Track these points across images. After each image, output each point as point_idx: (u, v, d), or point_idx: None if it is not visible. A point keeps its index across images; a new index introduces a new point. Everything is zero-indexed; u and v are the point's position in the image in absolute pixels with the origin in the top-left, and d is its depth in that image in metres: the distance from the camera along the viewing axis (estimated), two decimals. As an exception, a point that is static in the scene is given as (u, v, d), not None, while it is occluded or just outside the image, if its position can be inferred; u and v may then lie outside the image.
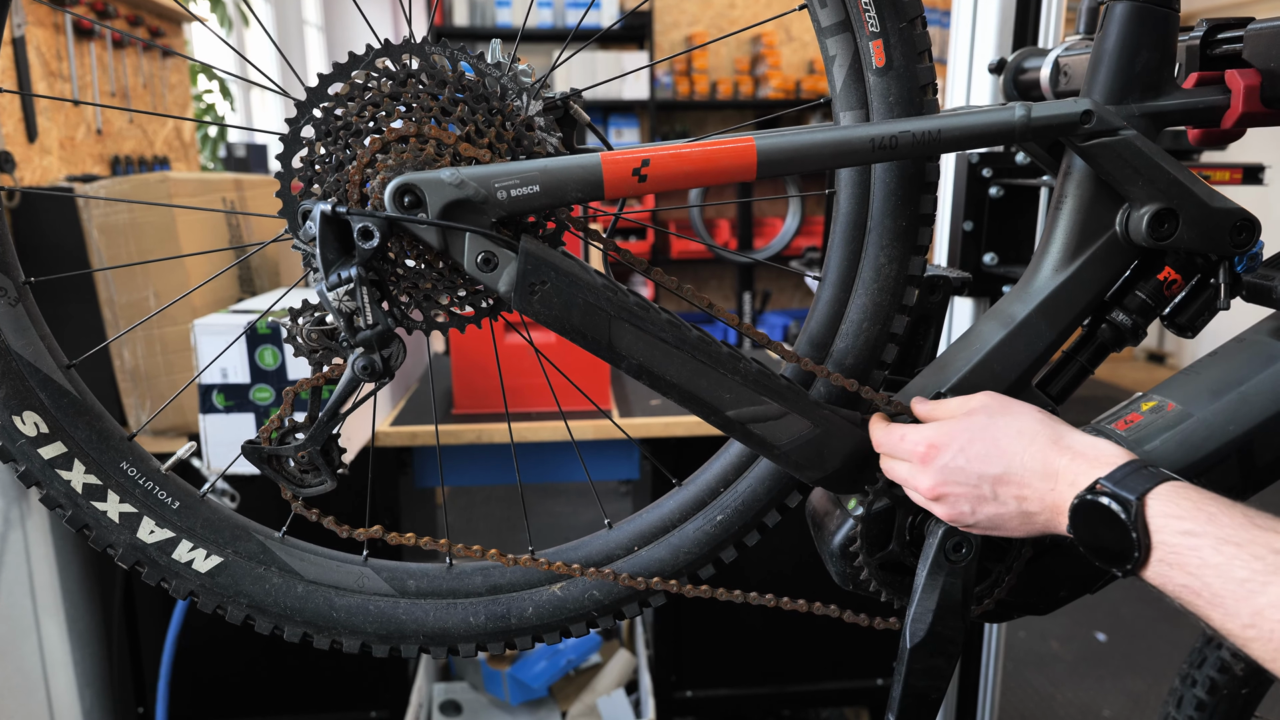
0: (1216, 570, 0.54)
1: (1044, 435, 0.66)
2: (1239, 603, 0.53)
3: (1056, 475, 0.64)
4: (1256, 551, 0.53)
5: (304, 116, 0.69)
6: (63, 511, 0.75)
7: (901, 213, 0.76)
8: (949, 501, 0.70)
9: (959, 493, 0.69)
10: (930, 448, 0.70)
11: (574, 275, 0.70)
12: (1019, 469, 0.66)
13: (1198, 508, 0.57)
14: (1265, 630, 0.51)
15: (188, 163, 3.00)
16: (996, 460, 0.67)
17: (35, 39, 2.16)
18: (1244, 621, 0.52)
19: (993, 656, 1.68)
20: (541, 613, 0.84)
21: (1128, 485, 0.59)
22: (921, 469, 0.71)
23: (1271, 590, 0.51)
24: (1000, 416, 0.69)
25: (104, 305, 1.77)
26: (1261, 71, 0.73)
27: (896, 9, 0.70)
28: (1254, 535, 0.54)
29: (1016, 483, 0.66)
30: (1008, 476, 0.66)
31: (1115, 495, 0.59)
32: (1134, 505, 0.58)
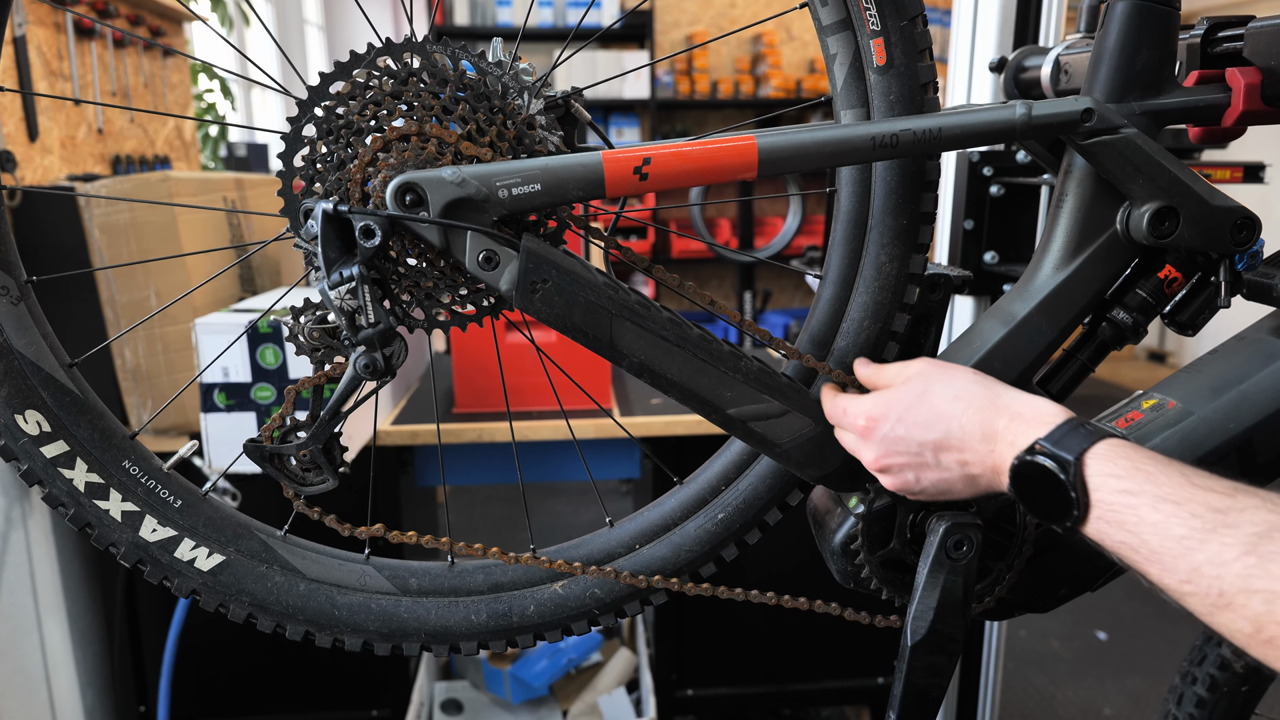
0: (1154, 528, 0.55)
1: (981, 397, 0.67)
2: (1176, 559, 0.53)
3: (995, 437, 0.65)
4: (1194, 509, 0.54)
5: (306, 115, 0.70)
6: (65, 510, 0.75)
7: (902, 211, 0.76)
8: (894, 471, 0.71)
9: (902, 462, 0.70)
10: (870, 420, 0.71)
11: (575, 274, 0.70)
12: (958, 433, 0.66)
13: (1135, 466, 0.58)
14: (1202, 586, 0.52)
15: (188, 162, 3.00)
16: (935, 426, 0.68)
17: (36, 38, 2.16)
18: (1181, 578, 0.53)
19: (993, 655, 1.68)
20: (543, 611, 0.84)
21: (1066, 445, 0.60)
22: (864, 441, 0.72)
23: (1209, 547, 0.52)
24: (937, 382, 0.69)
25: (105, 305, 1.77)
26: (1262, 70, 0.73)
27: (897, 7, 0.70)
28: (1191, 494, 0.55)
29: (957, 447, 0.67)
30: (947, 442, 0.67)
31: (1053, 455, 0.60)
32: (1072, 465, 0.59)
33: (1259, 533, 0.51)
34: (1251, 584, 0.50)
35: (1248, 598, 0.50)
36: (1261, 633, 0.50)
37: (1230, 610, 0.51)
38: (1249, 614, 0.50)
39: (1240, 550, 0.51)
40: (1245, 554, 0.51)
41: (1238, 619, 0.51)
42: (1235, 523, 0.52)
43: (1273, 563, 0.50)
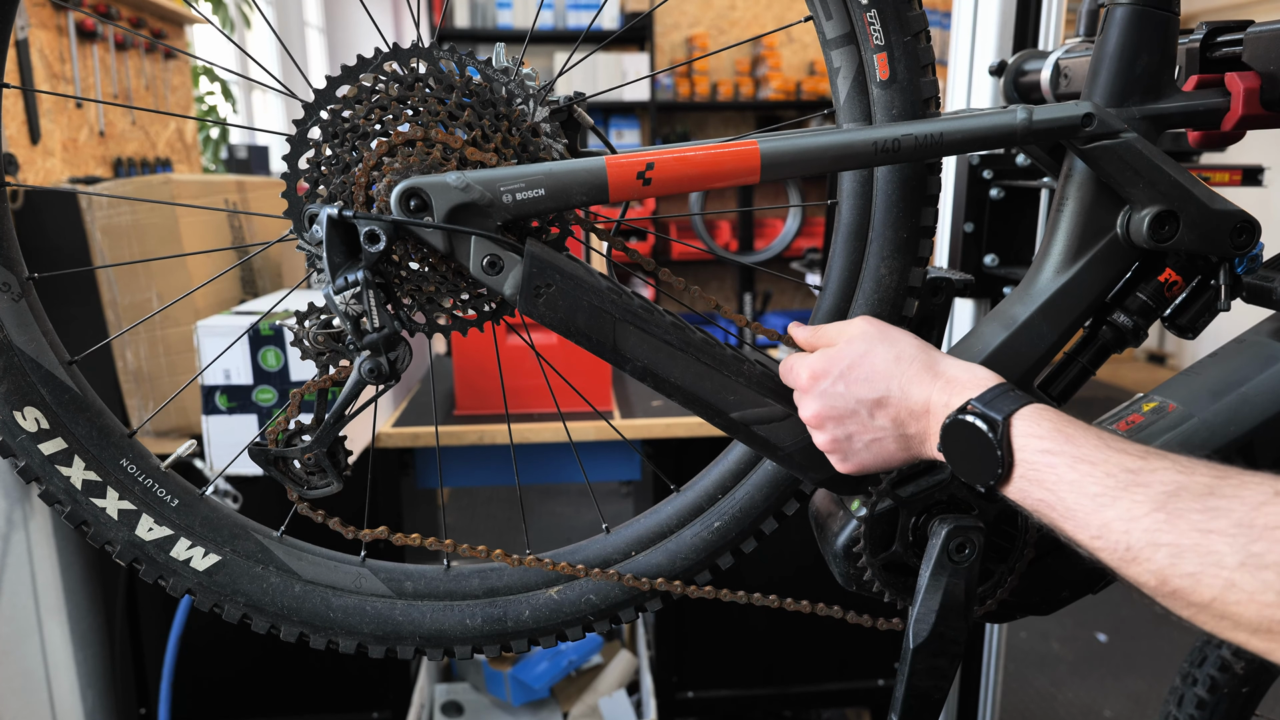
0: (1071, 486, 0.58)
1: (920, 360, 0.69)
2: (1089, 516, 0.56)
3: (930, 399, 0.67)
4: (1108, 470, 0.57)
5: (311, 118, 0.70)
6: (62, 507, 0.76)
7: (903, 224, 0.77)
8: (829, 428, 0.71)
9: (839, 417, 0.71)
10: (812, 376, 0.72)
11: (579, 278, 0.70)
12: (897, 393, 0.68)
13: (1057, 429, 0.61)
14: (1111, 541, 0.55)
15: (190, 164, 3.00)
16: (877, 383, 0.69)
17: (38, 41, 2.17)
18: (1093, 533, 0.56)
19: (994, 657, 1.69)
20: (538, 616, 0.84)
21: (995, 406, 0.62)
22: (804, 396, 0.73)
23: (1120, 504, 0.55)
24: (879, 343, 0.70)
25: (107, 307, 1.77)
26: (1261, 74, 0.74)
27: (901, 23, 0.71)
28: (1107, 455, 0.58)
29: (894, 406, 0.69)
30: (886, 400, 0.69)
31: (983, 415, 0.62)
32: (1000, 425, 0.61)
33: (1167, 491, 0.54)
34: (1158, 538, 0.53)
35: (1153, 551, 0.53)
36: (1165, 585, 0.53)
37: (1137, 564, 0.54)
38: (1154, 567, 0.53)
39: (1150, 507, 0.54)
40: (1154, 510, 0.54)
41: (1144, 572, 0.54)
42: (1146, 482, 0.55)
43: (1179, 518, 0.53)
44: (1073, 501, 0.58)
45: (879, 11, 0.71)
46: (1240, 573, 0.50)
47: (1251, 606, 0.49)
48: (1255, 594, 0.49)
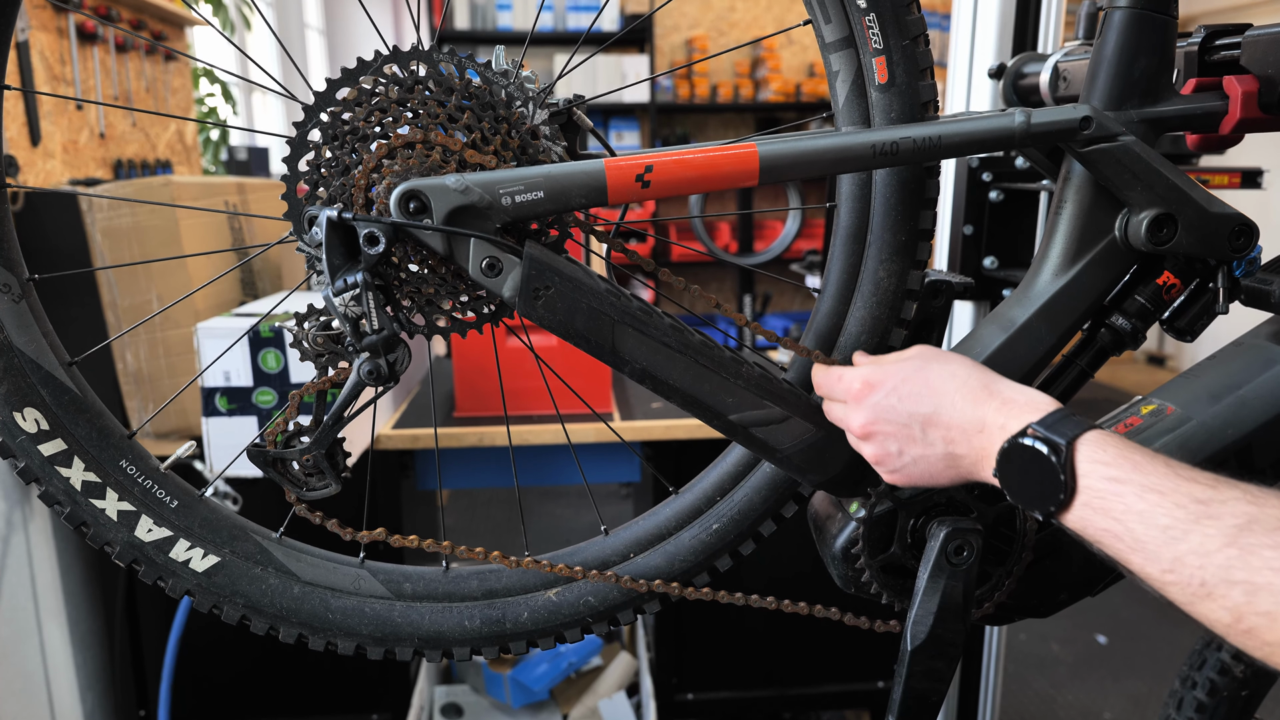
0: (1140, 516, 0.56)
1: (976, 380, 0.67)
2: (1160, 549, 0.54)
3: (985, 419, 0.65)
4: (1179, 500, 0.55)
5: (312, 120, 0.70)
6: (61, 508, 0.76)
7: (901, 227, 0.77)
8: (878, 440, 0.71)
9: (889, 431, 0.70)
10: (865, 385, 0.71)
11: (578, 280, 0.71)
12: (949, 410, 0.67)
13: (1123, 455, 0.59)
14: (1184, 575, 0.53)
15: (190, 166, 3.00)
16: (928, 400, 0.68)
17: (39, 43, 2.17)
18: (1164, 567, 0.54)
19: (993, 659, 1.69)
20: (537, 618, 0.84)
21: (1058, 430, 0.61)
22: (855, 406, 0.72)
23: (1192, 537, 0.53)
24: (934, 361, 0.70)
25: (107, 309, 1.78)
26: (1259, 77, 0.74)
27: (900, 27, 0.71)
28: (1176, 484, 0.56)
29: (945, 424, 0.67)
30: (937, 417, 0.67)
31: (1045, 439, 0.60)
32: (1064, 449, 0.59)
33: (1240, 524, 0.52)
34: (1232, 575, 0.51)
35: (1228, 588, 0.51)
36: (1241, 622, 0.51)
37: (1211, 600, 0.52)
38: (1229, 604, 0.51)
39: (1222, 541, 0.52)
40: (1227, 545, 0.52)
41: (1218, 609, 0.52)
42: (1217, 514, 0.53)
43: (1253, 555, 0.51)
44: (1142, 533, 0.56)
45: (878, 15, 0.71)
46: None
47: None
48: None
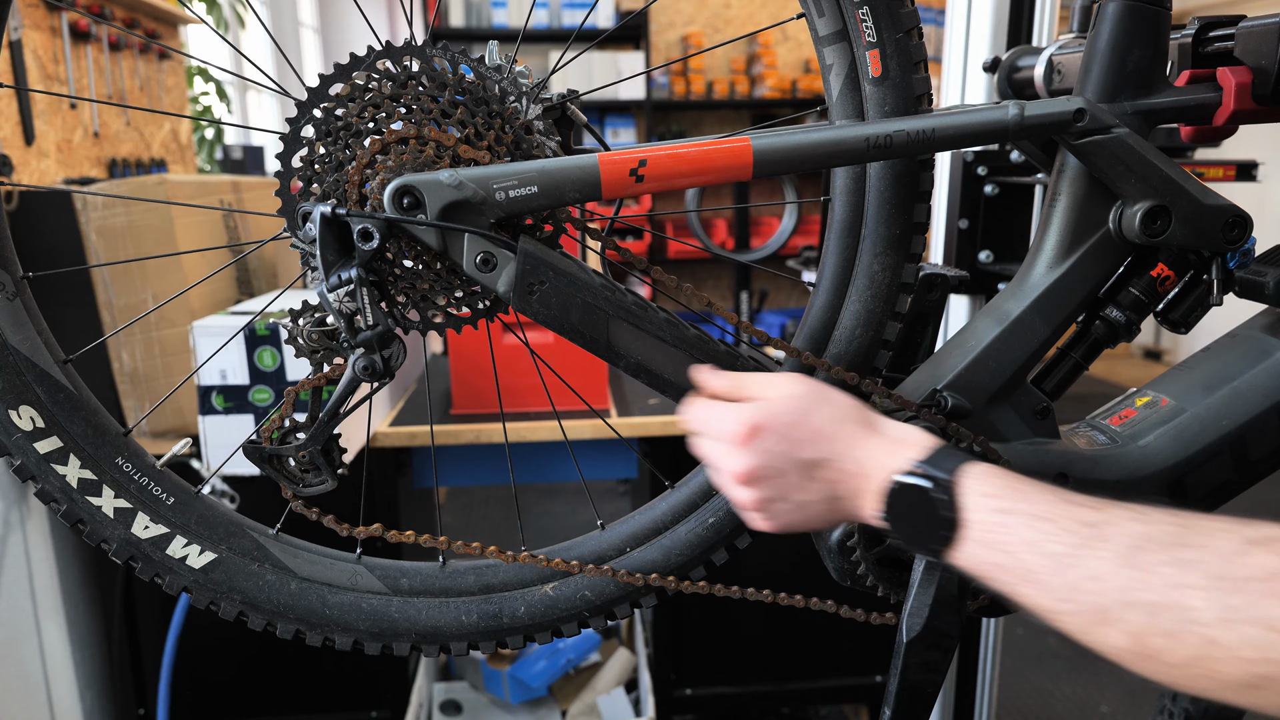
0: (1030, 546, 0.54)
1: (859, 419, 0.66)
2: (1053, 577, 0.53)
3: (869, 460, 0.63)
4: (1068, 526, 0.53)
5: (304, 116, 0.70)
6: (57, 506, 0.76)
7: (895, 221, 0.77)
8: (761, 487, 0.66)
9: (774, 479, 0.66)
10: (752, 429, 0.66)
11: (572, 275, 0.71)
12: (834, 455, 0.65)
13: (1009, 486, 0.57)
14: (1081, 603, 0.52)
15: (185, 165, 3.00)
16: (813, 445, 0.65)
17: (32, 42, 2.16)
18: (1059, 596, 0.52)
19: (990, 652, 1.69)
20: (534, 612, 0.84)
21: (940, 465, 0.59)
22: (739, 450, 0.66)
23: (1087, 563, 0.52)
24: (820, 403, 0.67)
25: (103, 308, 1.77)
26: (1253, 69, 0.74)
27: (893, 20, 0.71)
28: (1065, 510, 0.54)
29: (833, 469, 0.65)
30: (825, 462, 0.65)
31: (929, 475, 0.59)
32: (948, 484, 0.58)
33: (1133, 544, 0.51)
34: (1131, 596, 0.50)
35: (1127, 611, 0.50)
36: (1141, 646, 0.50)
37: (1109, 625, 0.51)
38: (1130, 628, 0.50)
39: (1118, 563, 0.51)
40: (1123, 566, 0.51)
41: (1116, 634, 0.50)
42: (1109, 535, 0.52)
43: (1151, 574, 0.50)
44: (1033, 563, 0.54)
45: (871, 9, 0.71)
46: (1220, 629, 0.47)
47: (1234, 664, 0.47)
48: (1236, 650, 0.47)
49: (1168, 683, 0.50)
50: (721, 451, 0.69)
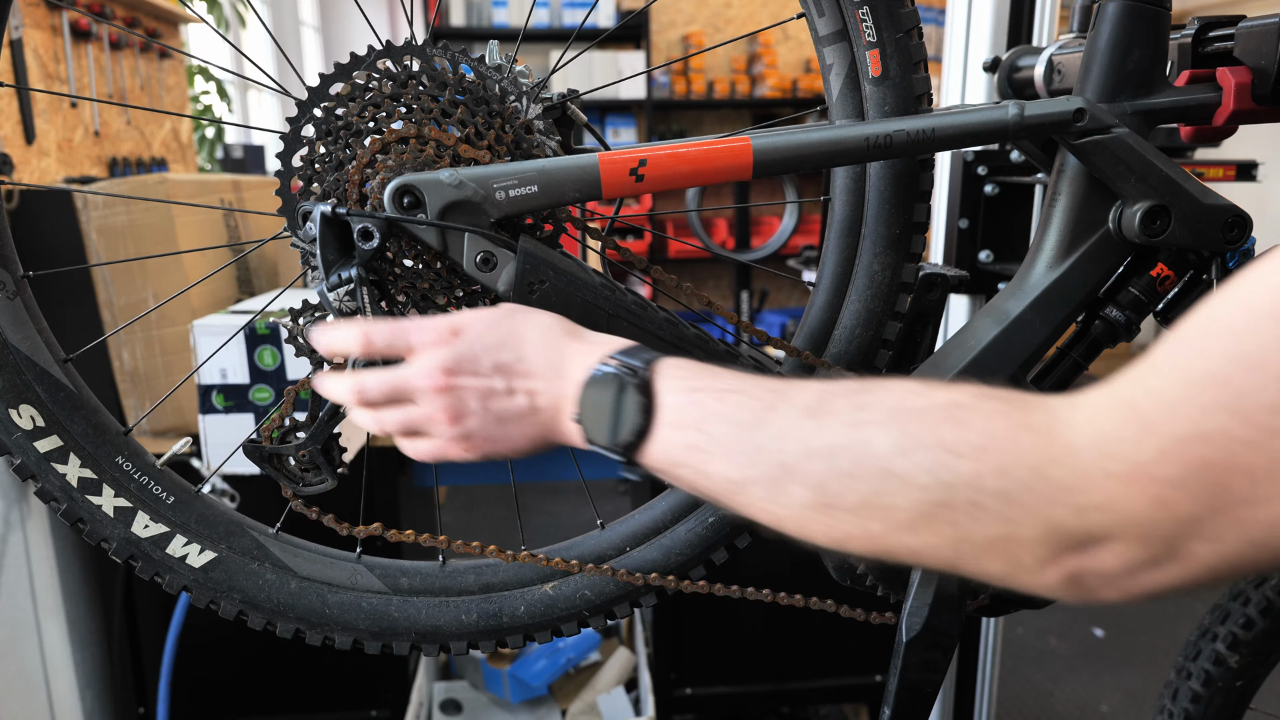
0: (720, 417, 0.53)
1: (561, 327, 0.64)
2: (741, 443, 0.52)
3: (566, 361, 0.61)
4: (756, 394, 0.53)
5: (305, 116, 0.70)
6: (57, 505, 0.76)
7: (895, 220, 0.77)
8: (457, 395, 0.62)
9: (471, 384, 0.62)
10: (451, 330, 0.63)
11: (572, 274, 0.71)
12: (532, 356, 0.62)
13: (702, 369, 0.57)
14: (764, 465, 0.51)
15: (185, 164, 3.00)
16: (512, 347, 0.62)
17: (33, 41, 2.16)
18: (744, 462, 0.52)
19: (990, 652, 1.69)
20: (533, 611, 0.84)
21: (637, 356, 0.59)
22: (432, 352, 0.62)
23: (770, 421, 0.51)
24: (519, 312, 0.65)
25: (103, 307, 1.77)
26: (1252, 69, 0.74)
27: (893, 20, 0.71)
28: (755, 381, 0.54)
29: (527, 372, 0.62)
30: (520, 364, 0.62)
31: (625, 365, 0.58)
32: (642, 370, 0.57)
33: (816, 399, 0.51)
34: (812, 444, 0.49)
35: (808, 460, 0.49)
36: (822, 495, 0.49)
37: (793, 480, 0.50)
38: (810, 478, 0.49)
39: (800, 417, 0.51)
40: (805, 418, 0.50)
41: (798, 489, 0.50)
42: (794, 396, 0.52)
43: (830, 418, 0.50)
44: (722, 434, 0.53)
45: (871, 9, 0.71)
46: (896, 459, 0.47)
47: (908, 495, 0.46)
48: (912, 477, 0.46)
49: (842, 542, 0.49)
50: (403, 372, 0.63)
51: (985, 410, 0.47)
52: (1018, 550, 0.45)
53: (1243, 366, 0.39)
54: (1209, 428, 0.39)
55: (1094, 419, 0.44)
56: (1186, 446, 0.40)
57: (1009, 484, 0.44)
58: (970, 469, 0.45)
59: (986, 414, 0.46)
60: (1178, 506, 0.40)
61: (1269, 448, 0.38)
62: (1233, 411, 0.39)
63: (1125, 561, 0.43)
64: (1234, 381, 0.39)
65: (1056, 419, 0.45)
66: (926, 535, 0.46)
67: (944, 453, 0.46)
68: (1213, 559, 0.41)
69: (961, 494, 0.45)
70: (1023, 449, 0.44)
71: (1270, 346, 0.38)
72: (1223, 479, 0.39)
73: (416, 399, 0.63)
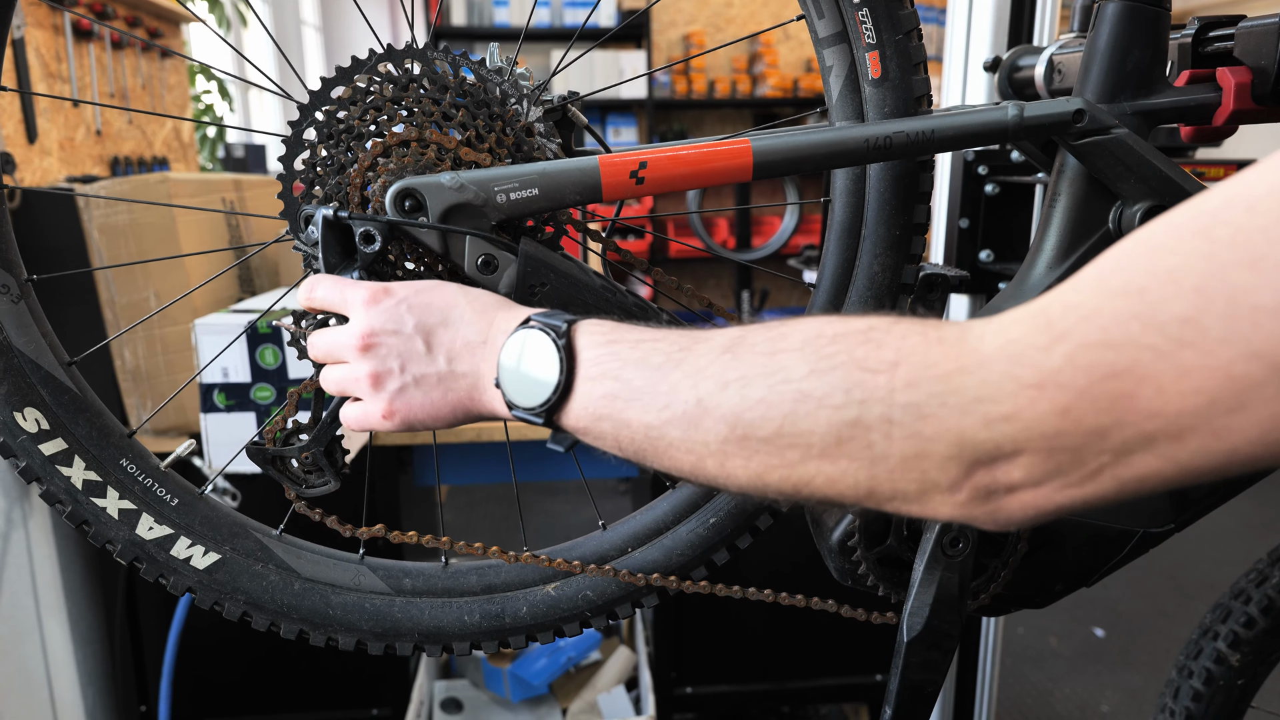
0: (635, 364, 0.54)
1: (489, 297, 0.65)
2: (655, 384, 0.52)
3: (490, 327, 0.62)
4: (673, 340, 0.53)
5: (306, 119, 0.70)
6: (62, 507, 0.76)
7: (895, 221, 0.77)
8: (379, 354, 0.62)
9: (392, 344, 0.62)
10: (381, 290, 0.64)
11: (573, 277, 0.71)
12: (457, 320, 0.62)
13: (620, 324, 0.57)
14: (679, 401, 0.51)
15: (187, 163, 3.00)
16: (438, 311, 0.63)
17: (34, 40, 2.17)
18: (660, 404, 0.51)
19: (990, 652, 1.69)
20: (536, 612, 0.85)
21: (559, 318, 0.58)
22: (360, 311, 0.64)
23: (686, 364, 0.51)
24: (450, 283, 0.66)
25: (105, 306, 1.78)
26: (1252, 69, 0.74)
27: (893, 21, 0.71)
28: (668, 332, 0.55)
29: (450, 338, 0.62)
30: (444, 328, 0.62)
31: (546, 325, 0.58)
32: (564, 329, 0.57)
33: (732, 339, 0.51)
34: (727, 376, 0.49)
35: (721, 392, 0.49)
36: (737, 427, 0.48)
37: (708, 415, 0.49)
38: (726, 410, 0.49)
39: (715, 354, 0.50)
40: (720, 354, 0.50)
41: (714, 423, 0.49)
42: (710, 338, 0.52)
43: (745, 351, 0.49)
44: (638, 379, 0.53)
45: (871, 10, 0.71)
46: (810, 380, 0.46)
47: (821, 415, 0.46)
48: (825, 398, 0.46)
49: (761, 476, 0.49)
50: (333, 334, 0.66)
51: (900, 330, 0.46)
52: (930, 468, 0.44)
53: (1160, 279, 0.38)
54: (1118, 335, 0.39)
55: (1006, 329, 0.43)
56: (1093, 352, 0.39)
57: (919, 395, 0.44)
58: (883, 383, 0.44)
59: (901, 333, 0.46)
60: (1083, 415, 0.40)
61: (1178, 358, 0.37)
62: (1145, 321, 0.38)
63: (1033, 475, 0.42)
64: (1149, 292, 0.38)
65: (969, 332, 0.44)
66: (842, 460, 0.46)
67: (857, 370, 0.45)
68: (1122, 471, 0.41)
69: (874, 410, 0.44)
70: (933, 360, 0.44)
71: (1191, 262, 0.37)
72: (1128, 388, 0.39)
73: (347, 357, 0.65)
